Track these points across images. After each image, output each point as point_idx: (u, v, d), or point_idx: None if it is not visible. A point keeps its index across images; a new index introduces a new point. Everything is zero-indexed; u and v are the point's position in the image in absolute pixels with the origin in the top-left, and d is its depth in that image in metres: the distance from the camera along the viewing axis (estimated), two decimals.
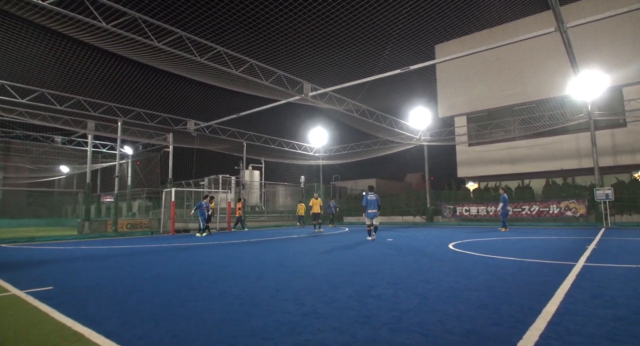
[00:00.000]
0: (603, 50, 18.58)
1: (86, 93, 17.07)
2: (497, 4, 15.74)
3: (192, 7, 12.28)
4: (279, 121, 27.99)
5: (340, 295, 4.23)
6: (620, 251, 7.87)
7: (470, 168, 24.76)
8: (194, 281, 5.25)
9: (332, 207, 23.06)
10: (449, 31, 19.39)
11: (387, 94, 21.67)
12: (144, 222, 19.44)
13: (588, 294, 4.07)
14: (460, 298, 4.00)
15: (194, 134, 21.61)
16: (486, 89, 23.37)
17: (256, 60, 14.06)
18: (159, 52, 12.76)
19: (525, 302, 3.78)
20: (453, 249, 8.72)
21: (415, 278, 5.17)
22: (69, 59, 14.68)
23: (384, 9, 13.79)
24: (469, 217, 21.82)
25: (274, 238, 13.45)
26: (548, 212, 19.24)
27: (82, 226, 17.38)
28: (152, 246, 11.06)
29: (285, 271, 6.00)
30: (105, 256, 8.78)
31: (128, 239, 14.76)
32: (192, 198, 23.75)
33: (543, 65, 20.76)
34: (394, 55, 17.48)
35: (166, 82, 17.74)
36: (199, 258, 8.01)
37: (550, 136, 21.32)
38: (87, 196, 18.81)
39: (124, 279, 5.57)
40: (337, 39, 15.22)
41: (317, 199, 18.09)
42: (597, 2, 17.25)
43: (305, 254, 8.37)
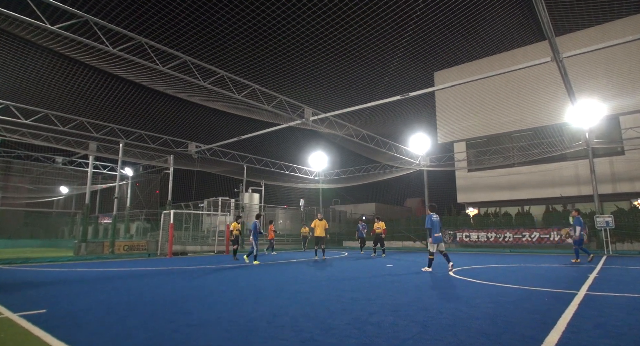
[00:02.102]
0: (599, 80, 18.94)
1: (89, 114, 17.30)
2: (495, 34, 16.21)
3: (197, 33, 12.64)
4: (280, 145, 28.24)
5: (339, 322, 4.15)
6: (622, 279, 7.77)
7: (470, 194, 24.74)
8: (189, 306, 5.16)
9: (361, 230, 18.62)
10: (448, 60, 19.88)
11: (387, 120, 21.97)
12: (141, 244, 19.24)
13: (590, 324, 4.00)
14: (461, 326, 3.93)
15: (195, 156, 21.71)
16: (485, 116, 23.67)
17: (258, 84, 14.33)
18: (163, 75, 13.03)
19: (527, 331, 3.71)
20: (454, 275, 8.61)
21: (415, 305, 5.08)
22: (74, 81, 14.97)
23: (385, 38, 14.19)
24: (469, 243, 21.62)
25: (273, 262, 13.29)
26: (549, 239, 19.08)
27: (79, 248, 17.19)
28: (149, 269, 10.92)
29: (283, 297, 5.90)
30: (100, 278, 8.65)
31: (125, 261, 14.57)
32: (190, 220, 23.61)
33: (540, 93, 21.12)
34: (394, 82, 17.85)
35: (169, 104, 18.02)
36: (195, 282, 7.89)
37: (549, 162, 21.42)
38: (85, 217, 18.71)
39: (119, 303, 5.48)
40: (339, 65, 15.59)
41: (321, 221, 15.64)
42: (592, 33, 17.74)
43: (303, 279, 8.25)
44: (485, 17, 13.96)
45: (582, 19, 16.31)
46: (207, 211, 24.26)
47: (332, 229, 30.78)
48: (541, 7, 9.33)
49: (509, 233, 20.02)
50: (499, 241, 20.40)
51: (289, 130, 20.09)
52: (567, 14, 14.79)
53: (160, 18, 11.75)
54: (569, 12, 14.62)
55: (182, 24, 12.14)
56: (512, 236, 20.00)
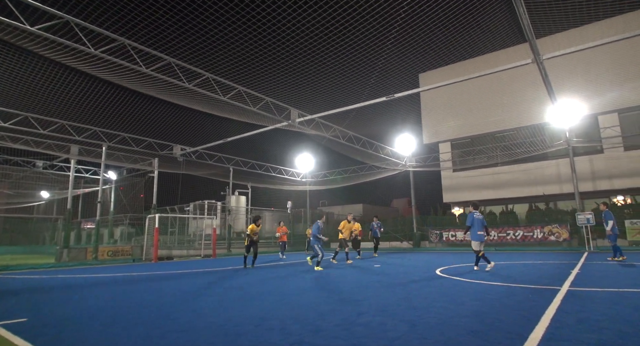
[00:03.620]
0: (578, 81, 19.44)
1: (71, 117, 16.94)
2: (478, 36, 16.48)
3: (182, 35, 12.52)
4: (266, 147, 28.16)
5: (328, 324, 4.15)
6: (603, 275, 7.97)
7: (456, 193, 25.06)
8: (176, 311, 5.09)
9: (375, 229, 17.40)
10: (432, 61, 20.12)
11: (373, 121, 22.11)
12: (125, 249, 18.90)
13: (573, 319, 4.09)
14: (448, 324, 3.97)
15: (180, 159, 21.46)
16: (469, 117, 24.04)
17: (244, 86, 14.25)
18: (147, 77, 12.85)
19: (513, 328, 3.77)
20: (440, 274, 8.70)
21: (403, 305, 5.11)
22: (55, 83, 14.65)
23: (370, 40, 14.29)
24: (455, 242, 21.88)
25: (260, 265, 13.21)
26: (532, 237, 19.45)
27: (61, 254, 16.79)
28: (134, 275, 10.73)
29: (271, 300, 5.87)
30: (83, 285, 8.47)
31: (109, 267, 14.30)
32: (176, 224, 23.31)
33: (522, 94, 21.56)
34: (380, 84, 17.98)
35: (153, 107, 17.79)
36: (181, 287, 7.79)
37: (531, 162, 21.86)
38: (67, 223, 18.29)
39: (103, 309, 5.37)
40: (324, 67, 15.63)
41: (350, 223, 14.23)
42: (571, 36, 18.19)
43: (291, 282, 8.23)
44: (468, 20, 14.19)
45: (562, 22, 16.70)
46: (193, 214, 23.99)
47: None
48: (522, 10, 9.52)
49: (493, 231, 20.33)
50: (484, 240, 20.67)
51: (276, 132, 20.03)
52: (547, 17, 15.13)
53: (144, 19, 11.60)
54: (549, 15, 14.96)
55: (166, 25, 12.01)
56: (497, 235, 20.32)
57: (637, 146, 19.33)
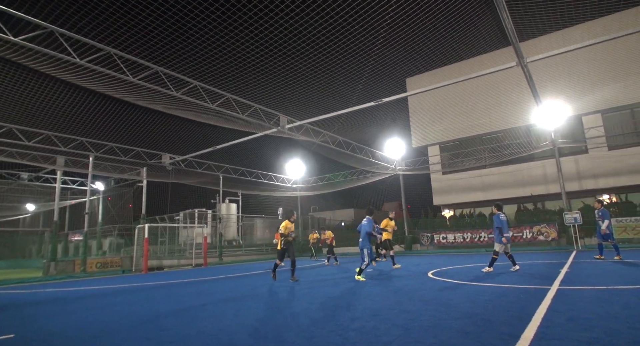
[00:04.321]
0: (561, 82, 19.83)
1: (56, 128, 16.69)
2: (464, 41, 16.75)
3: (169, 44, 12.48)
4: (256, 154, 28.09)
5: (321, 330, 4.14)
6: (591, 273, 8.09)
7: (445, 196, 25.25)
8: (167, 322, 5.03)
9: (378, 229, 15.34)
10: (419, 65, 20.35)
11: (362, 126, 22.23)
12: (115, 261, 18.61)
13: (563, 317, 4.14)
14: (441, 326, 3.99)
15: (169, 168, 21.27)
16: (456, 120, 24.32)
17: (232, 94, 14.23)
18: (134, 86, 12.76)
19: (505, 328, 3.81)
20: (432, 277, 8.74)
21: (396, 309, 5.12)
22: (39, 94, 14.44)
23: (357, 46, 14.41)
24: (446, 244, 22.01)
25: (253, 273, 13.12)
26: (521, 237, 19.66)
27: (48, 267, 16.46)
28: (123, 286, 10.57)
29: (264, 307, 5.84)
30: (72, 298, 8.31)
31: (97, 279, 14.06)
32: (166, 233, 23.05)
33: (508, 96, 21.90)
34: (368, 89, 18.11)
35: (141, 116, 17.64)
36: (172, 297, 7.70)
37: (518, 163, 22.16)
38: (54, 235, 17.96)
39: (93, 323, 5.28)
40: (313, 73, 15.69)
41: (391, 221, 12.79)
42: (553, 39, 18.58)
43: (284, 289, 8.18)
44: (452, 25, 14.41)
45: (544, 25, 17.06)
46: (184, 223, 23.76)
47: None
48: (505, 14, 9.72)
49: (484, 232, 20.50)
50: (475, 241, 20.87)
51: (265, 139, 20.00)
52: (530, 20, 15.44)
53: (130, 28, 11.54)
54: (531, 19, 15.27)
55: (152, 34, 11.95)
56: (487, 236, 20.50)
57: (620, 145, 19.75)
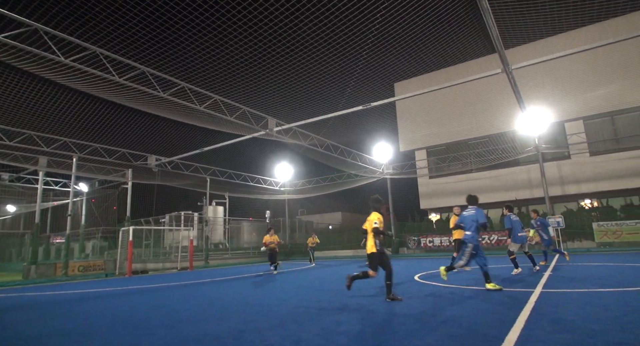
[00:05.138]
0: (545, 89, 20.28)
1: (39, 128, 16.34)
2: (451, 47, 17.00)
3: (156, 44, 12.36)
4: (244, 156, 27.95)
5: (308, 334, 4.12)
6: (574, 276, 8.24)
7: (432, 200, 25.49)
8: (151, 326, 4.94)
9: None
10: (407, 71, 20.58)
11: (350, 129, 22.34)
12: (98, 264, 18.25)
13: (547, 320, 4.21)
14: (428, 329, 4.02)
15: (155, 169, 21.00)
16: (443, 124, 24.62)
17: (220, 96, 14.16)
18: (121, 87, 12.59)
19: (490, 331, 3.85)
20: (419, 280, 8.80)
21: (383, 312, 5.14)
22: (22, 93, 14.13)
23: (346, 50, 14.50)
24: (432, 248, 22.19)
25: (238, 276, 13.02)
26: (506, 241, 19.93)
27: (28, 271, 16.04)
28: (107, 290, 10.37)
29: (250, 311, 5.79)
30: (53, 303, 8.12)
31: (80, 283, 13.76)
32: (151, 236, 22.72)
33: (493, 102, 22.28)
34: (357, 93, 18.22)
35: (127, 116, 17.40)
36: (157, 301, 7.58)
37: (503, 168, 22.52)
38: (35, 237, 17.54)
39: (74, 328, 5.16)
40: (302, 76, 15.73)
41: None
42: (538, 46, 19.01)
43: (270, 292, 8.13)
44: (440, 31, 14.61)
45: (529, 33, 17.44)
46: (169, 226, 23.46)
47: (299, 240, 30.67)
48: (491, 22, 9.90)
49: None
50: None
51: (253, 141, 19.93)
52: (515, 29, 15.77)
53: (117, 28, 11.41)
54: (516, 27, 15.59)
55: (140, 35, 11.83)
56: None
57: (601, 151, 20.25)
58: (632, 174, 19.07)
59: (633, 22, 17.18)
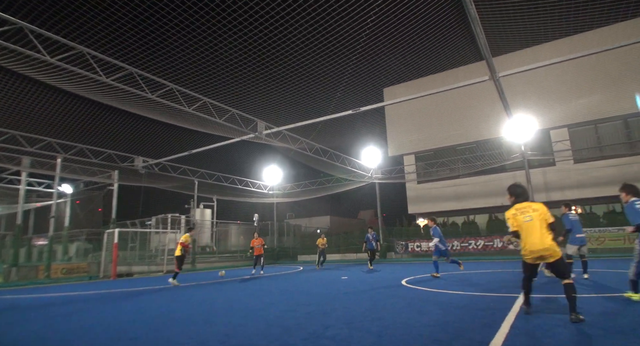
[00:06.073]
0: (531, 97, 20.64)
1: (23, 128, 16.01)
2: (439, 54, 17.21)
3: (145, 44, 12.24)
4: (232, 159, 27.79)
5: (295, 338, 4.10)
6: (558, 281, 8.35)
7: (420, 205, 25.67)
8: (135, 330, 4.86)
9: (370, 240, 16.03)
10: (396, 76, 20.77)
11: (339, 134, 22.40)
12: (81, 266, 17.90)
13: (531, 324, 4.26)
14: (414, 334, 4.03)
15: (142, 171, 20.73)
16: (432, 130, 24.86)
17: (209, 98, 14.07)
18: (108, 87, 12.43)
19: (475, 335, 3.88)
20: (406, 285, 8.83)
21: (369, 316, 5.14)
22: (6, 92, 13.84)
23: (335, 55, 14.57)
24: (420, 253, 22.32)
25: (225, 280, 12.89)
26: (492, 246, 20.19)
27: (9, 273, 15.65)
28: (90, 293, 10.17)
29: (236, 315, 5.73)
30: (34, 306, 7.92)
31: (62, 286, 13.47)
32: (137, 239, 22.38)
33: (481, 109, 22.59)
34: (346, 97, 18.30)
35: (113, 117, 17.16)
36: (142, 304, 7.46)
37: (490, 173, 22.81)
38: (16, 239, 17.13)
39: (56, 332, 5.04)
40: (291, 79, 15.74)
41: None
42: (525, 55, 19.35)
43: (257, 296, 8.07)
44: (429, 38, 14.79)
45: (515, 42, 17.76)
46: (155, 228, 23.14)
47: (287, 243, 30.54)
48: (478, 30, 10.06)
49: (456, 241, 20.91)
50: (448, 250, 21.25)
51: (242, 144, 19.83)
52: (502, 37, 16.05)
53: (105, 27, 11.27)
54: (504, 35, 15.87)
55: (128, 35, 11.70)
56: (459, 245, 20.93)
57: (585, 159, 20.66)
58: (614, 181, 19.48)
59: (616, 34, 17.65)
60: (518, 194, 5.52)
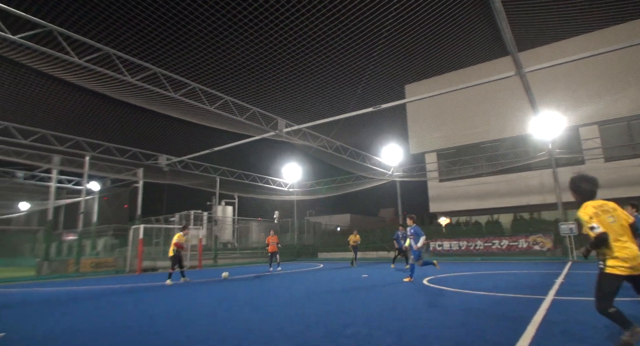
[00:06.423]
0: (559, 93, 19.97)
1: (53, 127, 16.61)
2: (463, 50, 16.83)
3: (168, 44, 12.47)
4: (253, 157, 28.04)
5: (314, 335, 4.10)
6: (586, 283, 8.07)
7: (442, 203, 25.27)
8: (159, 325, 4.97)
9: (400, 239, 15.20)
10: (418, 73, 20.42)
11: (360, 131, 22.25)
12: (109, 261, 18.48)
13: (558, 329, 4.12)
14: (435, 335, 3.96)
15: (166, 169, 21.20)
16: (454, 127, 24.40)
17: (231, 96, 14.23)
18: (133, 87, 12.74)
19: (499, 338, 3.78)
20: (427, 284, 8.70)
21: (390, 316, 5.09)
22: (38, 92, 14.37)
23: (356, 52, 14.46)
24: (441, 252, 21.98)
25: (247, 276, 13.04)
26: (517, 246, 19.67)
27: (41, 266, 16.32)
28: (116, 287, 10.48)
29: (258, 312, 5.78)
30: (65, 299, 8.22)
31: (91, 279, 13.93)
32: (161, 235, 22.92)
33: (506, 105, 22.01)
34: (367, 94, 18.14)
35: (138, 116, 17.57)
36: (165, 300, 7.63)
37: (515, 172, 22.23)
38: (48, 234, 17.83)
39: (85, 324, 5.21)
40: (312, 77, 15.72)
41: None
42: (552, 49, 18.71)
43: (276, 293, 8.13)
44: (452, 33, 14.48)
45: (543, 36, 17.18)
46: (179, 225, 23.62)
47: (307, 241, 30.64)
48: (504, 24, 9.78)
49: (479, 241, 20.49)
50: (470, 250, 20.85)
51: (263, 142, 19.97)
52: (528, 31, 15.55)
53: (129, 29, 11.53)
54: (530, 29, 15.37)
55: (152, 35, 11.94)
56: (483, 244, 20.49)
57: (616, 157, 19.85)
58: None
59: None
60: (586, 192, 3.86)
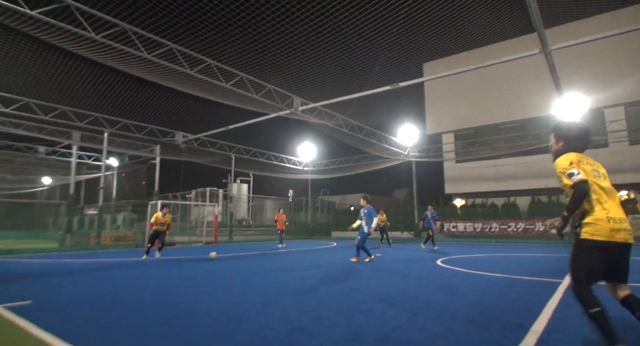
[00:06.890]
0: (584, 73, 19.20)
1: (72, 103, 16.87)
2: (484, 26, 16.23)
3: (184, 19, 12.36)
4: (268, 135, 28.07)
5: (328, 311, 4.16)
6: None
7: (458, 185, 25.01)
8: (177, 297, 5.12)
9: (429, 219, 14.74)
10: (437, 50, 19.86)
11: (376, 110, 21.95)
12: (128, 235, 19.01)
13: (575, 311, 4.08)
14: (448, 314, 3.98)
15: (182, 146, 21.43)
16: (473, 108, 23.84)
17: (247, 74, 14.13)
18: (149, 63, 12.74)
19: (514, 319, 3.77)
20: (441, 265, 8.72)
21: (403, 295, 5.12)
22: (56, 69, 14.53)
23: (374, 29, 14.09)
24: (456, 233, 21.93)
25: (261, 252, 13.28)
26: (533, 229, 19.46)
27: (64, 239, 16.91)
28: (136, 260, 10.80)
29: (273, 287, 5.90)
30: (86, 269, 8.53)
31: (111, 252, 14.40)
32: (178, 211, 23.41)
33: (527, 85, 21.33)
34: (384, 72, 17.79)
35: (155, 93, 17.67)
36: (183, 273, 7.83)
37: (534, 154, 21.74)
38: (70, 208, 18.38)
39: (106, 294, 5.41)
40: (328, 55, 15.45)
41: None
42: (579, 26, 17.90)
43: (292, 269, 8.26)
44: (473, 9, 13.94)
45: (571, 12, 16.41)
46: (195, 201, 24.06)
47: (321, 220, 30.89)
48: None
49: (495, 223, 20.34)
50: (486, 232, 20.73)
51: (278, 120, 19.92)
52: (553, 8, 14.86)
53: (145, 3, 11.44)
54: (553, 6, 14.69)
55: (168, 10, 11.83)
56: (498, 227, 20.34)
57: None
58: None
59: None
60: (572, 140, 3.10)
